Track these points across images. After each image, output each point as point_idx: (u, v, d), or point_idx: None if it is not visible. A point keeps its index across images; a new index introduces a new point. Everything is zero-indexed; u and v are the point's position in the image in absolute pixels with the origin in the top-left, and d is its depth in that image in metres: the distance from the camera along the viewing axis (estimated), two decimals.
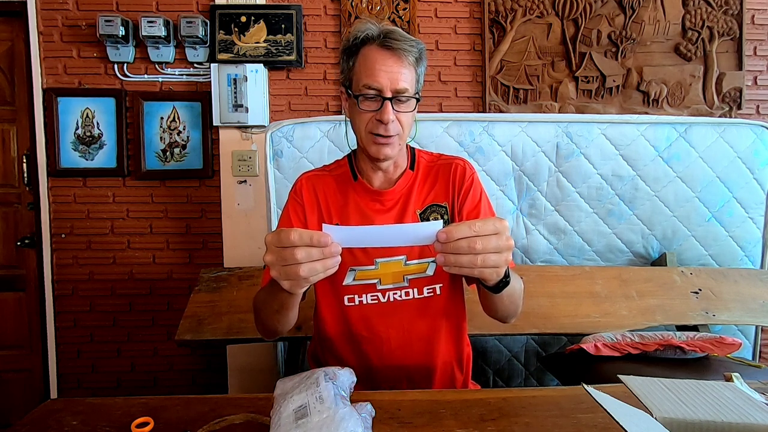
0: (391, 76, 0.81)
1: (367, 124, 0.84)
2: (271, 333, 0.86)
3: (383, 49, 0.82)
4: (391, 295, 0.89)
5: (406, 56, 0.82)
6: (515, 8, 1.89)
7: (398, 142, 0.85)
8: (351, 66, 0.86)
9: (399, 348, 0.90)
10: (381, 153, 0.85)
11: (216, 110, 1.82)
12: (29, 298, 1.98)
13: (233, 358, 1.88)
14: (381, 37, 0.83)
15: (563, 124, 1.56)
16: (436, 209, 0.91)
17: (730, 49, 1.92)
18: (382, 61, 0.82)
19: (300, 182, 0.94)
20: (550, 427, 0.64)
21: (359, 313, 0.90)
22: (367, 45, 0.84)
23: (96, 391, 1.98)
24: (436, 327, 0.91)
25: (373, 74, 0.82)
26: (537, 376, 1.72)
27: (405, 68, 0.83)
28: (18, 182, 1.96)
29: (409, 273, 0.89)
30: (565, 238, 1.62)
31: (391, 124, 0.82)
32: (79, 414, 0.68)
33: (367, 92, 0.82)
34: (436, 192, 0.92)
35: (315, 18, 1.92)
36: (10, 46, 1.93)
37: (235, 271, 1.52)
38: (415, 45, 0.84)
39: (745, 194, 1.59)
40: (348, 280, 0.89)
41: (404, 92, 0.82)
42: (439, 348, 0.91)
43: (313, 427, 0.56)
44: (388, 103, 0.81)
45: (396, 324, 0.90)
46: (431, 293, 0.90)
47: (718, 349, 1.13)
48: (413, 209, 0.91)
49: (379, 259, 0.88)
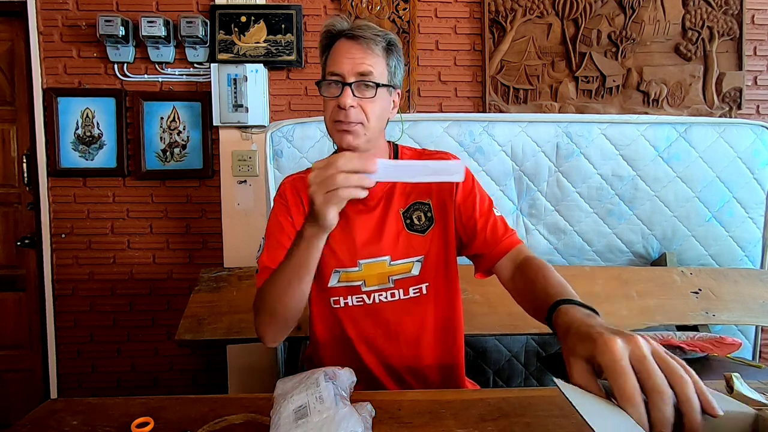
0: (354, 62, 0.80)
1: (331, 113, 0.83)
2: (276, 323, 0.80)
3: (349, 40, 0.82)
4: (377, 297, 0.88)
5: (370, 45, 0.82)
6: (515, 8, 1.89)
7: (362, 131, 0.82)
8: (324, 61, 0.86)
9: (387, 349, 0.90)
10: (344, 141, 0.82)
11: (216, 110, 1.82)
12: (29, 298, 1.98)
13: (233, 358, 1.88)
14: (348, 29, 0.83)
15: (563, 124, 1.56)
16: (420, 207, 0.90)
17: (730, 49, 1.91)
18: (347, 50, 0.81)
19: (283, 186, 0.94)
20: (550, 427, 0.64)
21: (346, 315, 0.90)
22: (337, 39, 0.84)
23: (96, 391, 1.98)
24: (424, 327, 0.90)
25: (336, 62, 0.81)
26: (537, 376, 1.72)
27: (371, 57, 0.82)
28: (18, 182, 1.96)
29: (394, 273, 0.88)
30: (565, 238, 1.62)
31: (351, 110, 0.80)
32: (79, 414, 0.68)
33: (329, 78, 0.82)
34: (419, 188, 0.90)
35: (315, 18, 1.92)
36: (10, 46, 1.93)
37: (235, 271, 1.52)
38: (381, 35, 0.83)
39: (745, 194, 1.59)
40: (333, 281, 0.89)
41: (367, 75, 0.81)
42: (429, 348, 0.91)
43: (313, 427, 0.56)
44: (347, 88, 0.80)
45: (383, 325, 0.89)
46: (417, 293, 0.89)
47: (718, 349, 1.13)
48: (396, 208, 0.90)
49: (362, 261, 0.88)
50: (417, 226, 0.89)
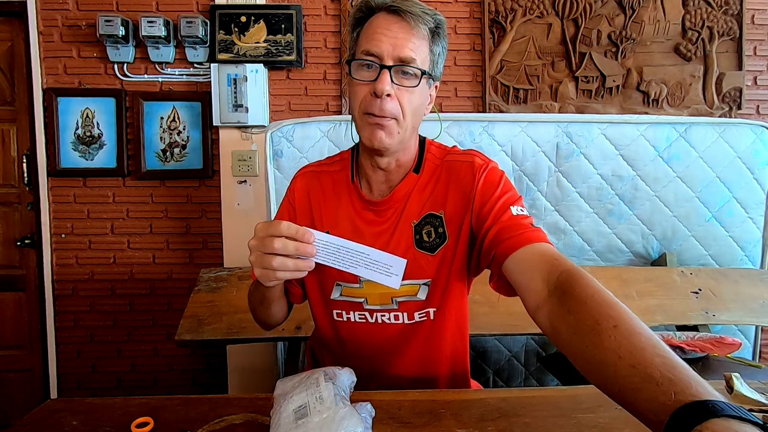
0: (395, 42, 0.68)
1: (361, 102, 0.71)
2: (262, 324, 0.86)
3: (390, 14, 0.70)
4: (379, 317, 0.81)
5: (417, 24, 0.69)
6: (515, 8, 1.89)
7: (397, 128, 0.71)
8: (355, 38, 0.73)
9: (389, 366, 0.83)
10: (375, 137, 0.71)
11: (216, 110, 1.82)
12: (29, 298, 1.98)
13: (233, 358, 1.88)
14: (392, 2, 0.70)
15: (563, 124, 1.56)
16: (431, 221, 0.78)
17: (730, 49, 1.91)
18: (386, 26, 0.69)
19: (296, 181, 0.86)
20: (550, 427, 0.64)
21: (348, 329, 0.84)
22: (375, 14, 0.72)
23: (96, 391, 1.98)
24: (430, 350, 0.83)
25: (373, 39, 0.69)
26: (537, 376, 1.72)
27: (415, 38, 0.69)
28: (18, 182, 1.96)
29: (398, 295, 0.79)
30: (565, 238, 1.62)
31: (387, 101, 0.68)
32: (79, 414, 0.68)
33: (364, 58, 0.69)
34: (434, 197, 0.79)
35: (315, 18, 1.92)
36: (10, 46, 1.93)
37: (235, 271, 1.52)
38: (431, 13, 0.71)
39: (745, 194, 1.59)
40: (335, 294, 0.82)
41: (410, 62, 0.68)
42: (434, 367, 0.84)
43: (313, 427, 0.56)
44: (386, 71, 0.68)
45: (385, 345, 0.82)
46: (424, 317, 0.81)
47: (718, 349, 1.14)
48: (410, 219, 0.79)
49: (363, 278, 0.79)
50: (426, 244, 0.78)
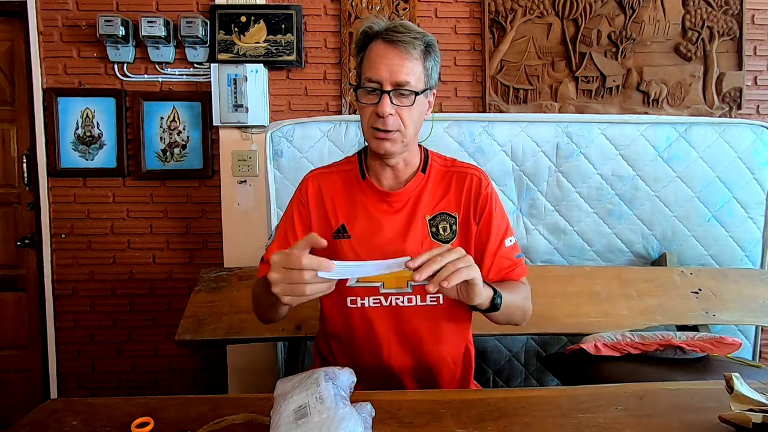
0: (391, 69, 0.80)
1: (368, 119, 0.84)
2: (264, 320, 0.91)
3: (386, 43, 0.82)
4: (394, 300, 0.89)
5: (409, 49, 0.81)
6: (515, 8, 1.89)
7: (400, 138, 0.84)
8: (360, 62, 0.86)
9: (400, 352, 0.90)
10: (381, 148, 0.84)
11: (216, 110, 1.82)
12: (29, 298, 1.98)
13: (233, 358, 1.88)
14: (385, 31, 0.82)
15: (563, 124, 1.56)
16: (446, 218, 0.91)
17: (730, 49, 1.91)
18: (384, 54, 0.81)
19: (306, 182, 0.93)
20: (550, 427, 0.65)
21: (361, 315, 0.90)
22: (373, 40, 0.84)
23: (96, 391, 1.97)
24: (439, 333, 0.91)
25: (373, 67, 0.81)
26: (537, 376, 1.72)
27: (408, 61, 0.81)
28: (18, 182, 1.96)
29: (414, 279, 0.88)
30: (565, 238, 1.62)
31: (389, 118, 0.81)
32: (79, 414, 0.68)
33: (367, 85, 0.82)
34: (448, 200, 0.91)
35: (315, 18, 1.92)
36: (10, 46, 1.93)
37: (235, 271, 1.52)
38: (420, 37, 0.83)
39: (745, 194, 1.59)
40: (352, 281, 0.89)
41: (405, 85, 0.81)
42: (441, 352, 0.91)
43: (313, 427, 0.56)
44: (386, 96, 0.80)
45: (398, 329, 0.89)
46: (435, 301, 0.89)
47: (718, 349, 1.13)
48: (423, 213, 0.90)
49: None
50: (441, 236, 0.90)
